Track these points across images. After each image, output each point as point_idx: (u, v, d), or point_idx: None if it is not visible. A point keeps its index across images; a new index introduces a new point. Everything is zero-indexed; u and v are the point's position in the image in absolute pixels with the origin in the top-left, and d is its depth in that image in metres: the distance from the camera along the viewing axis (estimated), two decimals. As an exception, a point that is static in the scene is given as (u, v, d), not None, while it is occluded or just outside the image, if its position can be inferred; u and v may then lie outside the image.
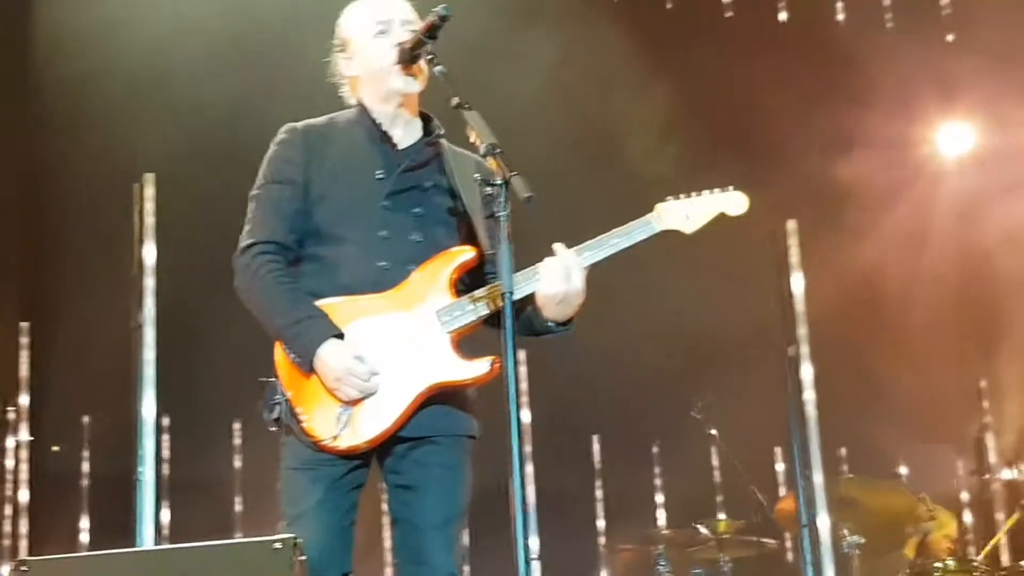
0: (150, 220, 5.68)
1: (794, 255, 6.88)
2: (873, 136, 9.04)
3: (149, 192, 5.66)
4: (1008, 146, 9.29)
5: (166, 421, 7.65)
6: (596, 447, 9.07)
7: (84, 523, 7.93)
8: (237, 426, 8.18)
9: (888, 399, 8.54)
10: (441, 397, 3.73)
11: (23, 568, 3.30)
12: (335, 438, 3.66)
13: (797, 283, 6.86)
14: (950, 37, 9.63)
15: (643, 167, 8.26)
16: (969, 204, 9.26)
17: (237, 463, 8.20)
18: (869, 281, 8.81)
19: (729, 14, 9.53)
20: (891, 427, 8.45)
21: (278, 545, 3.25)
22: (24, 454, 7.77)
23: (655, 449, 9.09)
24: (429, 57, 3.73)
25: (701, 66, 8.92)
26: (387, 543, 7.88)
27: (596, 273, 3.77)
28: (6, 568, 7.10)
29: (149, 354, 5.80)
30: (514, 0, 8.40)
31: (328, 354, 3.64)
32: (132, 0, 7.78)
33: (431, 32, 3.71)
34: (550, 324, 3.77)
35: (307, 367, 3.68)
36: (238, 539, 6.24)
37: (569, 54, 8.38)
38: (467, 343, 3.78)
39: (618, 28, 8.83)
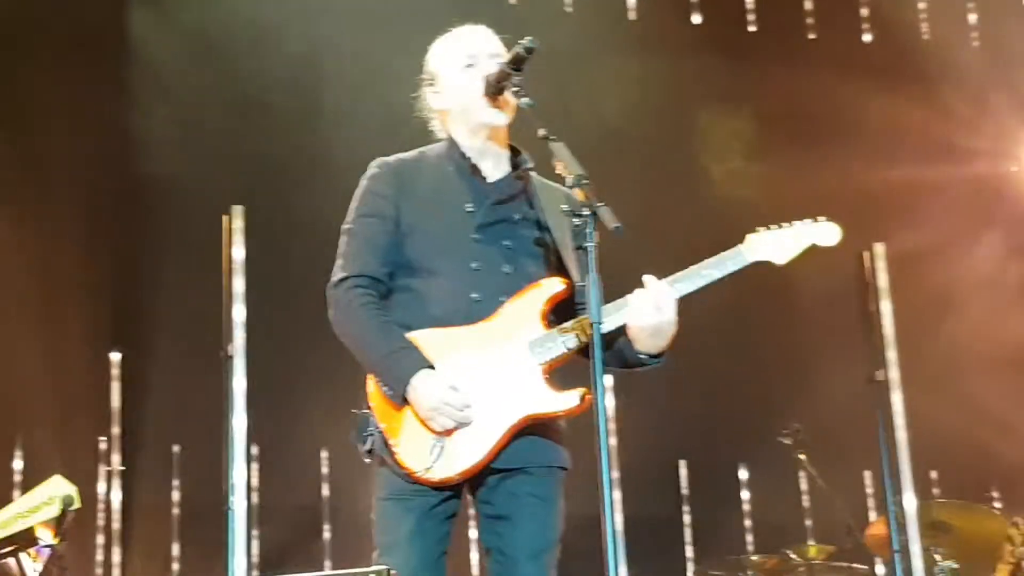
0: (239, 252, 5.72)
1: (882, 278, 6.79)
2: (960, 153, 8.97)
3: (238, 224, 5.70)
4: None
5: (255, 450, 7.71)
6: (684, 472, 9.02)
7: (175, 551, 8.01)
8: (325, 455, 8.23)
9: (979, 422, 8.42)
10: (533, 428, 3.73)
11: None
12: (428, 469, 3.67)
13: (885, 307, 6.78)
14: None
15: (730, 191, 8.24)
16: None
17: (326, 492, 8.25)
18: (960, 302, 8.70)
19: (812, 35, 9.48)
20: (983, 450, 8.34)
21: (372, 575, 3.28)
22: (117, 483, 7.87)
23: (743, 474, 9.02)
24: (515, 89, 3.73)
25: (785, 87, 8.87)
26: (475, 572, 7.89)
27: (683, 301, 3.75)
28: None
29: (239, 384, 5.83)
30: (596, 27, 8.43)
31: (422, 385, 3.65)
32: (232, 33, 7.91)
33: (517, 64, 3.71)
34: (642, 356, 3.75)
35: (400, 399, 3.69)
36: (332, 571, 6.26)
37: (651, 79, 8.39)
38: (560, 374, 3.77)
39: (700, 52, 8.83)
